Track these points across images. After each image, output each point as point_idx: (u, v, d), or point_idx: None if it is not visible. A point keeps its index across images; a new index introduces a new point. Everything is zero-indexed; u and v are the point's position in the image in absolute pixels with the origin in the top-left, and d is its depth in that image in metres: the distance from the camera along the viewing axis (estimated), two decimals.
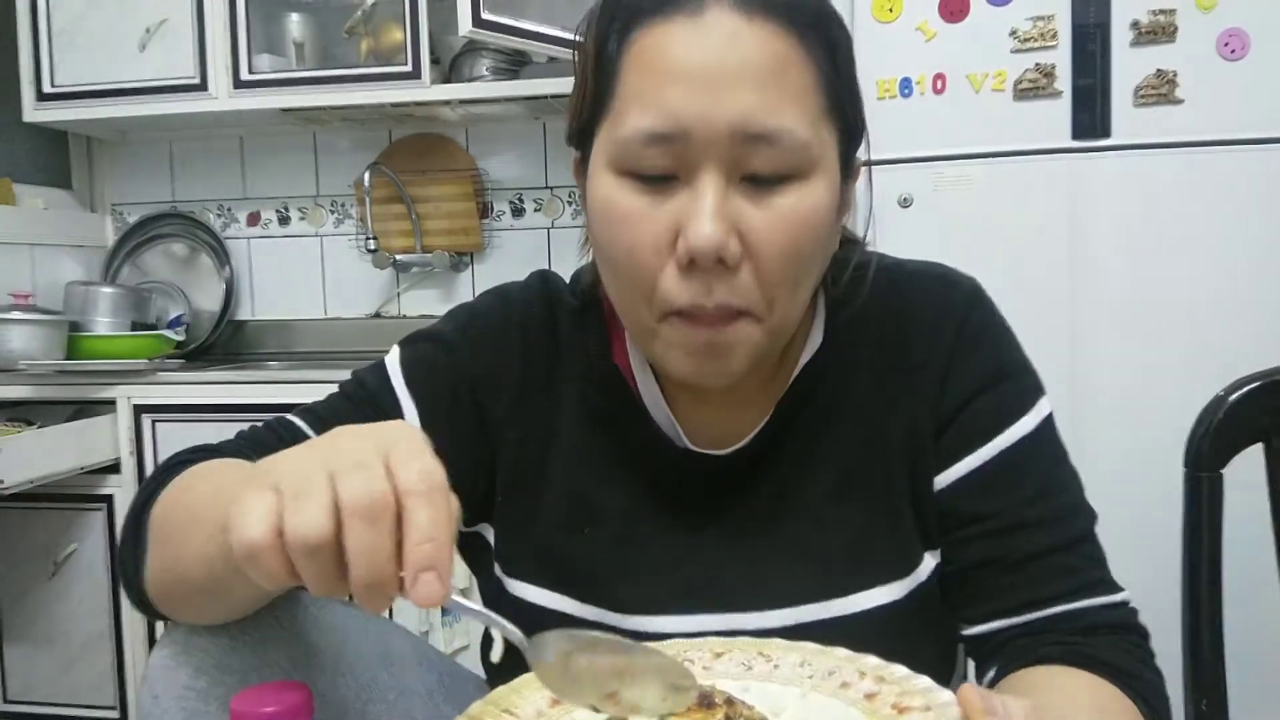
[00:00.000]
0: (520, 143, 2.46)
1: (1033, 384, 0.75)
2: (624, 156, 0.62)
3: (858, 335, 0.74)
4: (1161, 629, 0.74)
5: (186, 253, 2.61)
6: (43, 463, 1.87)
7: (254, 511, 0.46)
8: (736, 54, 0.60)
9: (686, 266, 0.61)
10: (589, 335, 0.77)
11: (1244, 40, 1.60)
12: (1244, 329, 1.60)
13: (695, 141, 0.60)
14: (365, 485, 0.45)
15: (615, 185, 0.63)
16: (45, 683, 2.12)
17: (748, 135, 0.60)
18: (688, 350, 0.64)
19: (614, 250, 0.64)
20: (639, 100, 0.61)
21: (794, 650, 0.61)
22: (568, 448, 0.76)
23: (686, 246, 0.60)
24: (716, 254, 0.60)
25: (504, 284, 0.82)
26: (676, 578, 0.73)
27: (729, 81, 0.59)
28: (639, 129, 0.61)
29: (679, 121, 0.60)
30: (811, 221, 0.63)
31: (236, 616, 0.67)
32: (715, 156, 0.60)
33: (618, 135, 0.62)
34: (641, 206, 0.62)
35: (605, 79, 0.64)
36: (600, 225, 0.65)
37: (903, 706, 0.53)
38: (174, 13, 2.23)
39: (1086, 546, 0.72)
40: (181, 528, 0.62)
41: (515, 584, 0.76)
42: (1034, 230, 1.69)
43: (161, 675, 0.65)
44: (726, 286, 0.61)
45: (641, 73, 0.61)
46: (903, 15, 1.72)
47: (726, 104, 0.59)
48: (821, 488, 0.73)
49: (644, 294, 0.64)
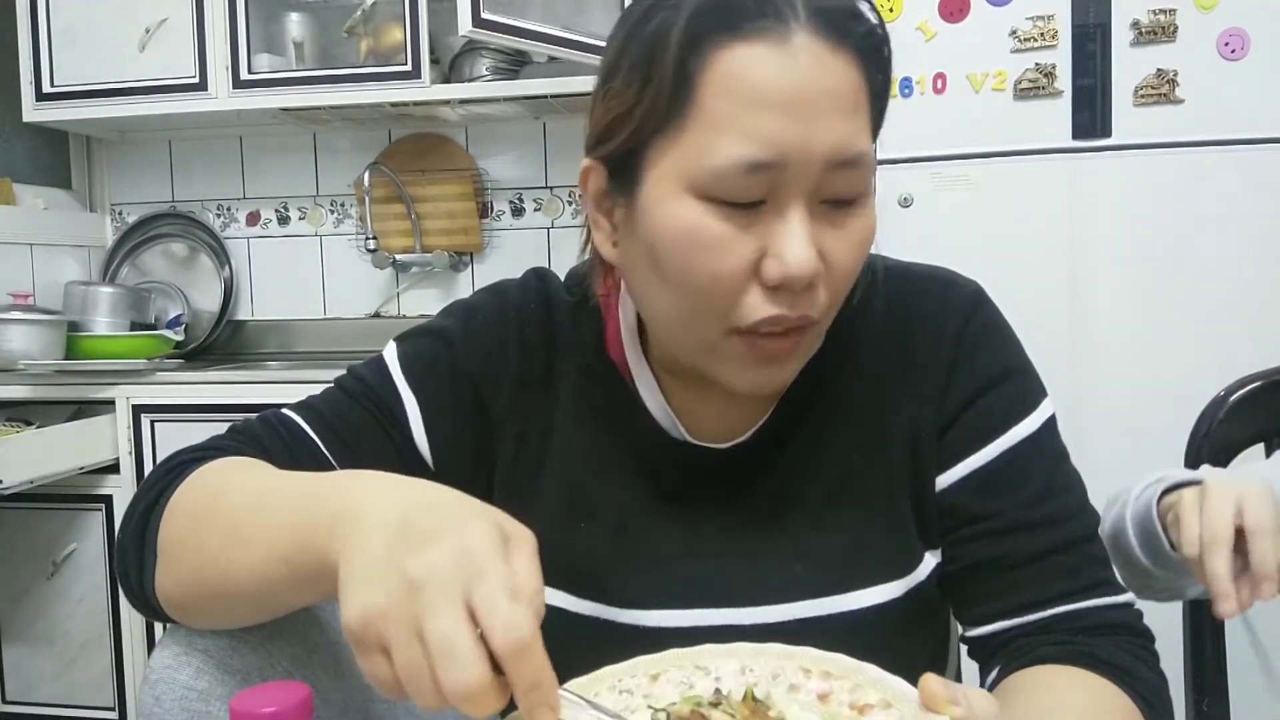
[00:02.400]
0: (520, 143, 2.46)
1: (1035, 386, 0.75)
2: (714, 183, 0.60)
3: (861, 335, 0.74)
4: (1163, 629, 0.74)
5: (186, 252, 2.61)
6: (42, 463, 1.87)
7: (377, 674, 0.48)
8: (826, 82, 0.60)
9: (776, 289, 0.62)
10: (585, 330, 0.77)
11: (1244, 40, 1.60)
12: (1244, 329, 1.60)
13: (791, 170, 0.60)
14: (462, 675, 0.45)
15: (700, 211, 0.61)
16: (44, 683, 2.12)
17: (838, 163, 0.60)
18: (751, 362, 0.65)
19: (695, 275, 0.62)
20: (730, 126, 0.59)
21: (730, 655, 0.60)
22: (565, 442, 0.76)
23: (783, 273, 0.60)
24: (811, 278, 0.61)
25: (500, 281, 0.82)
26: (673, 572, 0.73)
27: (822, 110, 0.59)
28: (738, 158, 0.59)
29: (779, 151, 0.59)
30: (870, 236, 0.65)
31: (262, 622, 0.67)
32: (806, 184, 0.61)
33: (707, 161, 0.60)
34: (728, 232, 0.61)
35: (677, 97, 0.61)
36: (677, 251, 0.63)
37: (861, 705, 0.53)
38: (174, 12, 2.23)
39: (1089, 547, 0.72)
40: (220, 547, 0.61)
41: None
42: (1034, 230, 1.69)
43: (163, 676, 0.65)
44: (807, 301, 0.63)
45: (728, 97, 0.59)
46: (903, 15, 1.72)
47: (821, 133, 0.59)
48: (822, 486, 0.73)
49: (718, 313, 0.63)
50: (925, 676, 0.51)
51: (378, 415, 0.75)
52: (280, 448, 0.73)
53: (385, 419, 0.75)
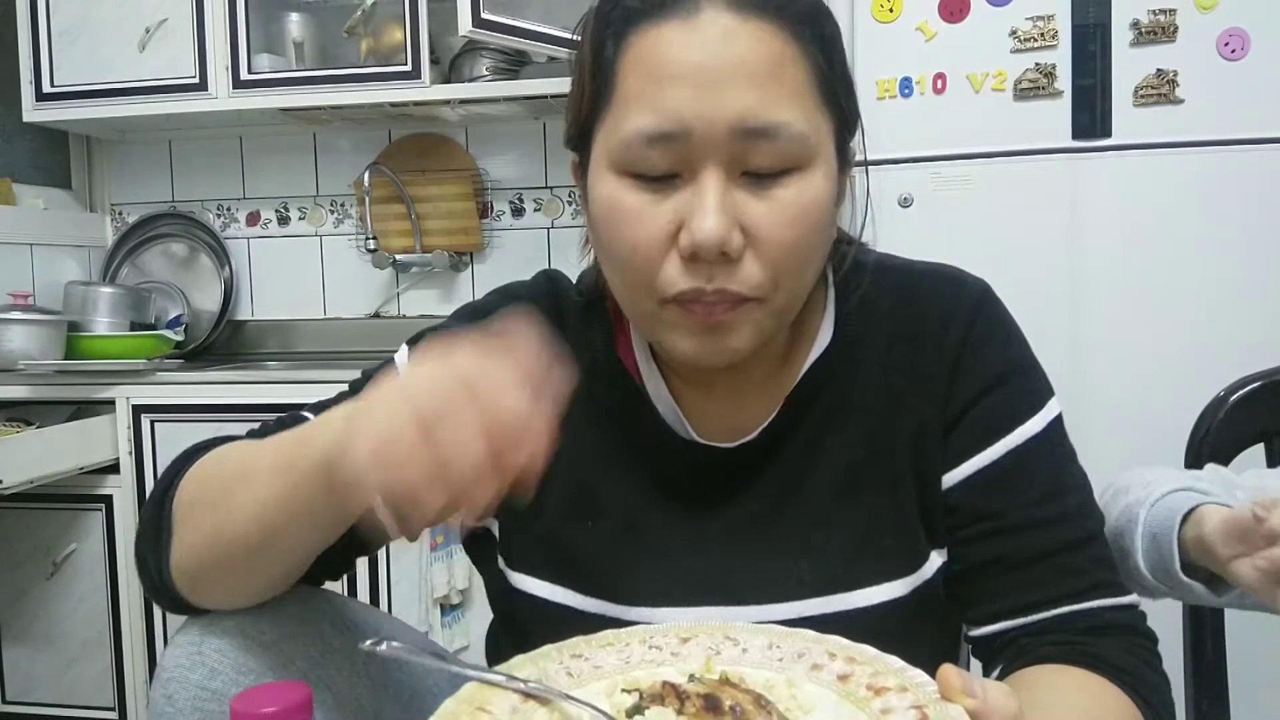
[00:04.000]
0: (520, 142, 2.46)
1: (1042, 385, 0.75)
2: (625, 157, 0.63)
3: (867, 333, 0.75)
4: (1164, 629, 0.74)
5: (186, 252, 2.61)
6: (42, 463, 1.87)
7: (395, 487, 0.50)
8: (732, 53, 0.61)
9: (690, 258, 0.63)
10: (594, 330, 0.78)
11: (1244, 40, 1.60)
12: (1245, 329, 1.60)
13: (696, 140, 0.61)
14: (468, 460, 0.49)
15: (617, 184, 0.64)
16: (44, 683, 2.12)
17: (746, 131, 0.61)
18: (690, 331, 0.66)
19: (617, 247, 0.65)
20: (638, 101, 0.62)
21: (761, 633, 0.62)
22: (573, 441, 0.76)
23: (691, 240, 0.62)
24: (719, 247, 0.61)
25: (510, 283, 0.83)
26: (680, 569, 0.73)
27: (726, 80, 0.61)
28: (639, 129, 0.62)
29: (679, 121, 0.61)
30: (812, 211, 0.64)
31: (268, 593, 0.68)
32: (715, 153, 0.62)
33: (618, 136, 0.63)
34: (643, 204, 0.63)
35: (602, 82, 0.65)
36: (603, 224, 0.66)
37: (879, 687, 0.54)
38: (174, 12, 2.23)
39: (1094, 547, 0.71)
40: (223, 490, 0.64)
41: (518, 577, 0.76)
42: (1034, 230, 1.69)
43: (176, 675, 0.65)
44: (726, 274, 0.63)
45: (639, 75, 0.63)
46: (902, 15, 1.72)
47: (725, 102, 0.61)
48: (828, 483, 0.73)
49: (645, 284, 0.65)
50: (943, 667, 0.51)
51: None
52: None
53: None
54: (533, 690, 0.56)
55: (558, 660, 0.61)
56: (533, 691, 0.56)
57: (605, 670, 0.60)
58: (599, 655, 0.62)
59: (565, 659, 0.61)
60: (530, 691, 0.56)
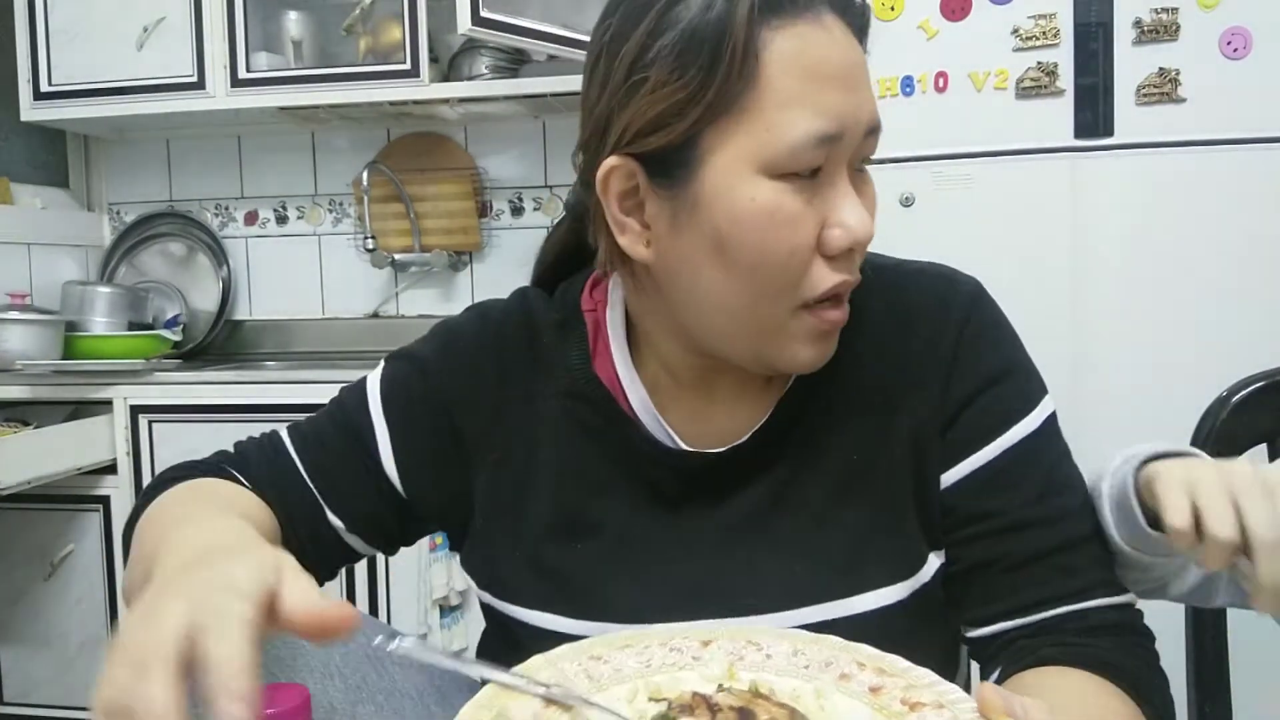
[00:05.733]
0: (519, 141, 2.45)
1: (1036, 383, 0.75)
2: (789, 160, 0.62)
3: (860, 333, 0.74)
4: (1164, 629, 0.73)
5: (184, 252, 2.61)
6: (39, 463, 1.86)
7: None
8: (855, 56, 0.65)
9: (842, 255, 0.65)
10: (570, 347, 0.77)
11: (1246, 39, 1.59)
12: (1247, 329, 1.60)
13: (846, 139, 0.64)
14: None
15: (775, 189, 0.63)
16: (42, 684, 2.12)
17: (872, 129, 0.66)
18: (812, 339, 0.68)
19: (771, 253, 0.64)
20: (800, 103, 0.62)
21: (785, 638, 0.61)
22: (553, 463, 0.75)
23: (851, 238, 0.64)
24: (869, 241, 0.66)
25: (486, 301, 0.82)
26: (674, 581, 0.72)
27: (861, 81, 0.65)
28: (813, 132, 0.62)
29: (841, 122, 0.63)
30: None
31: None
32: (851, 152, 0.65)
33: (781, 138, 0.61)
34: (799, 207, 0.64)
35: (741, 80, 0.61)
36: (753, 230, 0.63)
37: (914, 702, 0.52)
38: (171, 11, 2.22)
39: (1090, 547, 0.71)
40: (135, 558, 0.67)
41: (507, 606, 0.75)
42: (1036, 229, 1.68)
43: None
44: (854, 265, 0.67)
45: (795, 75, 0.62)
46: (904, 14, 1.72)
47: (866, 103, 0.65)
48: (822, 487, 0.72)
49: (789, 288, 0.65)
50: (983, 685, 0.51)
51: (352, 442, 0.78)
52: (264, 469, 0.77)
53: (358, 446, 0.77)
54: (554, 695, 0.54)
55: (575, 662, 0.60)
56: (554, 697, 0.54)
57: (625, 674, 0.59)
58: (618, 657, 0.60)
59: (584, 660, 0.60)
60: (552, 697, 0.54)
